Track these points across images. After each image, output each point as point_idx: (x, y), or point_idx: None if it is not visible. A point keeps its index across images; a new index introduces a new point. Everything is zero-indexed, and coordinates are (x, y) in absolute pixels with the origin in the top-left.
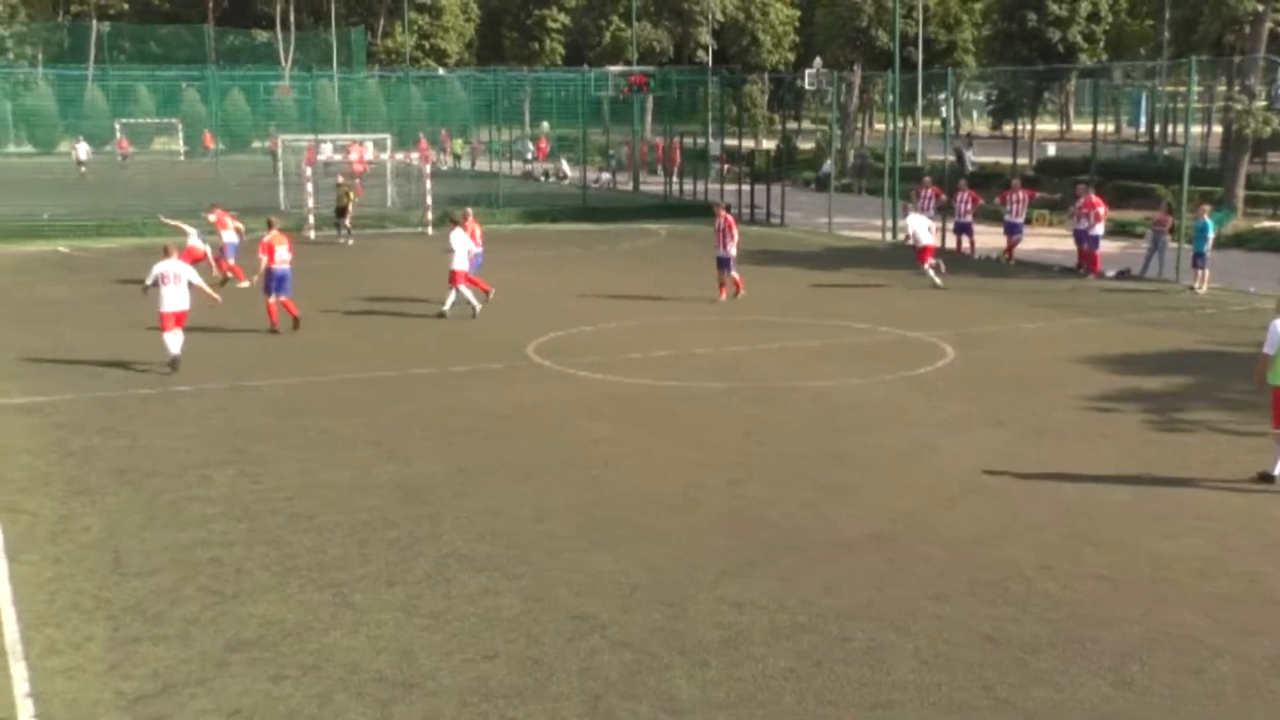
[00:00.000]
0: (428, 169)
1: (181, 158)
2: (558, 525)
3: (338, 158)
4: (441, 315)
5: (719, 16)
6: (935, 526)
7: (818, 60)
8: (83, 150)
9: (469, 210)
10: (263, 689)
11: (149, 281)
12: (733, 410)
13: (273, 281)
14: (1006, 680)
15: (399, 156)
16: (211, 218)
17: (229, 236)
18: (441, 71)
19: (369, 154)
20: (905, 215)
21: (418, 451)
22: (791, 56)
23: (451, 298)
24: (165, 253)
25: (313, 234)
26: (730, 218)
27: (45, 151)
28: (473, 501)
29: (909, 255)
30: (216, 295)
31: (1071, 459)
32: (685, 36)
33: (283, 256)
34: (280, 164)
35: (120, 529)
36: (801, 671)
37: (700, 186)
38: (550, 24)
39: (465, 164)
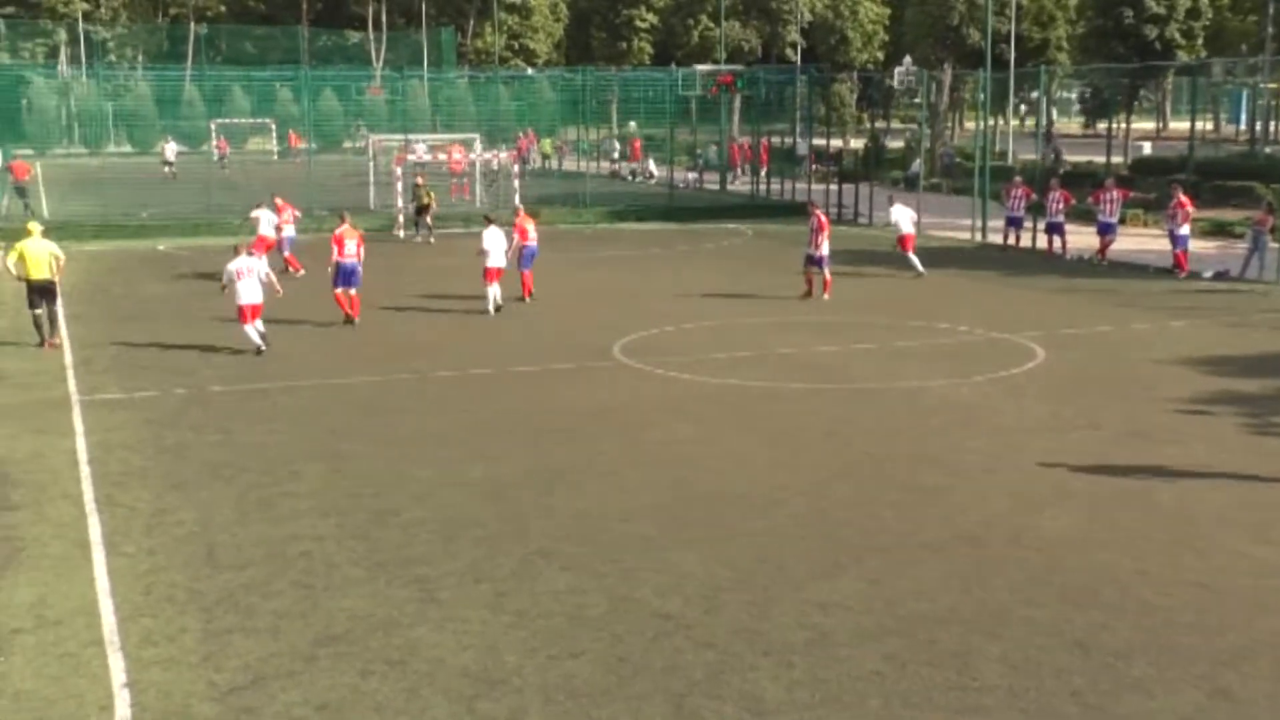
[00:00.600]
0: (516, 168)
1: (275, 157)
2: (643, 525)
3: (427, 158)
4: (497, 309)
5: (807, 15)
6: (1025, 530)
7: (907, 59)
8: (170, 150)
9: (520, 208)
10: (350, 683)
11: (225, 281)
12: (819, 411)
13: (340, 274)
14: (1097, 687)
15: (486, 156)
16: (266, 213)
17: (288, 231)
18: (530, 71)
19: (464, 154)
20: (890, 204)
21: (505, 450)
22: (881, 55)
23: (491, 294)
24: (235, 251)
25: (401, 233)
26: (824, 217)
27: (143, 151)
28: (559, 500)
29: (999, 256)
30: (279, 286)
31: (1166, 462)
32: (773, 35)
33: (350, 250)
34: (371, 163)
35: (213, 523)
36: (887, 674)
37: (788, 186)
38: (638, 23)
39: (555, 163)
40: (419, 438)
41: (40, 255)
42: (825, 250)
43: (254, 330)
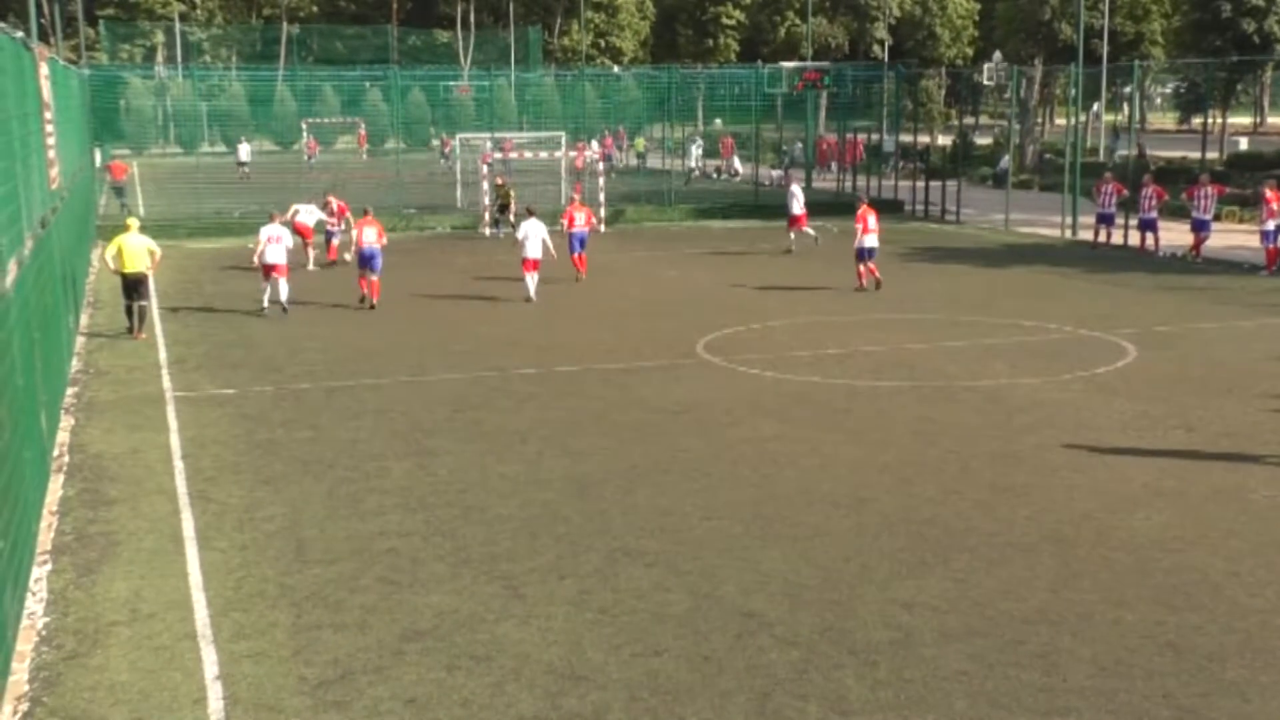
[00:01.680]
0: (601, 166)
1: (364, 157)
2: (726, 523)
3: (513, 155)
4: (528, 300)
5: (895, 11)
6: (1115, 530)
7: (997, 54)
8: (244, 151)
9: (576, 197)
10: (436, 678)
11: (259, 248)
12: (904, 409)
13: (360, 260)
14: (1190, 689)
15: (571, 154)
16: (319, 213)
17: (338, 232)
18: (616, 69)
19: (582, 150)
20: (789, 184)
21: (588, 447)
22: (970, 51)
23: (529, 283)
24: (271, 218)
25: (488, 231)
26: (874, 211)
27: (233, 150)
28: (642, 498)
29: (1090, 253)
30: (309, 259)
31: (1260, 463)
32: (861, 31)
33: (369, 238)
34: (457, 162)
35: (302, 518)
36: (973, 674)
37: (875, 183)
38: (725, 20)
39: (650, 160)
40: (503, 434)
41: (138, 249)
42: (868, 242)
43: (274, 286)
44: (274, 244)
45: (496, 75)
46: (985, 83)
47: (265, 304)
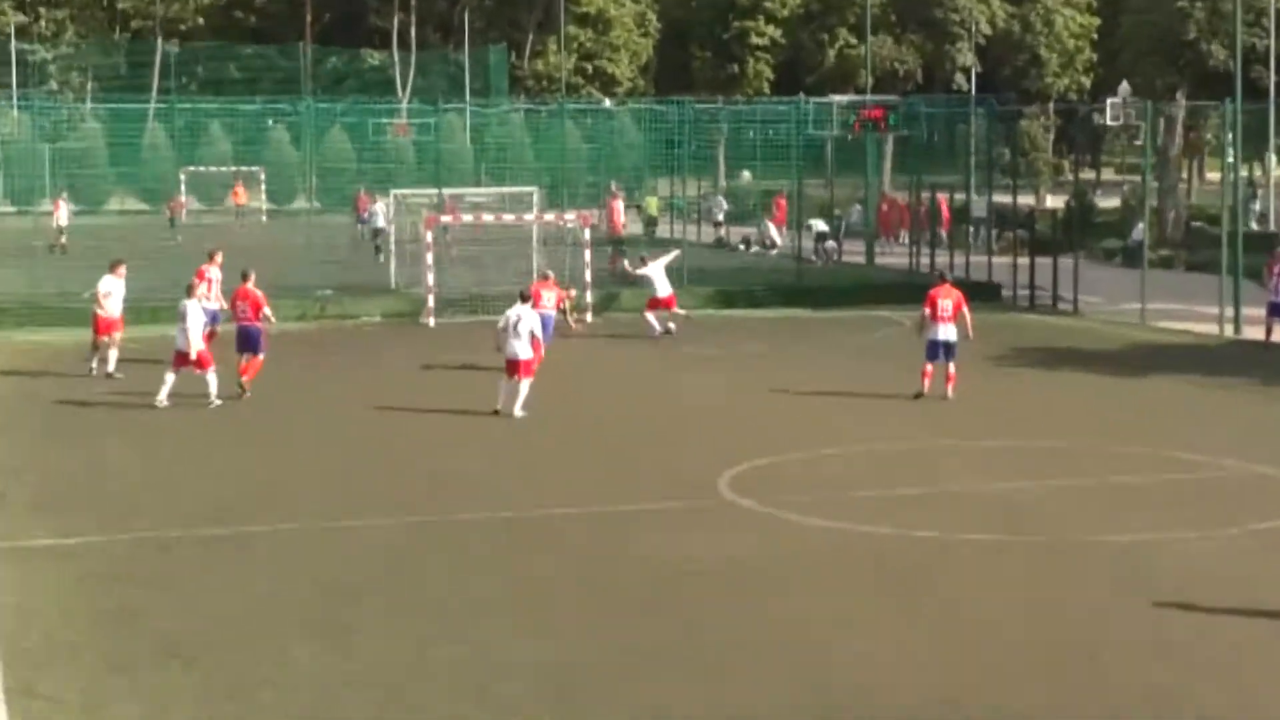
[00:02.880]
0: (587, 234)
1: (264, 218)
2: None
3: (467, 219)
4: (496, 412)
5: (985, 28)
6: None
7: (1124, 85)
8: (64, 213)
9: (550, 274)
10: None
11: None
12: (1006, 575)
13: (237, 338)
14: None
15: (548, 217)
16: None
17: (210, 305)
18: (608, 103)
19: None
20: (643, 266)
21: (569, 623)
22: (1087, 80)
23: (520, 393)
24: (188, 291)
25: (432, 321)
26: (958, 292)
27: (93, 210)
28: (644, 696)
29: (1259, 356)
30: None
31: None
32: (939, 55)
33: (245, 312)
34: (390, 228)
35: None
36: None
37: (960, 261)
38: (755, 40)
39: (665, 228)
40: (451, 605)
41: None
42: (943, 334)
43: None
44: (187, 323)
45: (446, 109)
46: (1109, 123)
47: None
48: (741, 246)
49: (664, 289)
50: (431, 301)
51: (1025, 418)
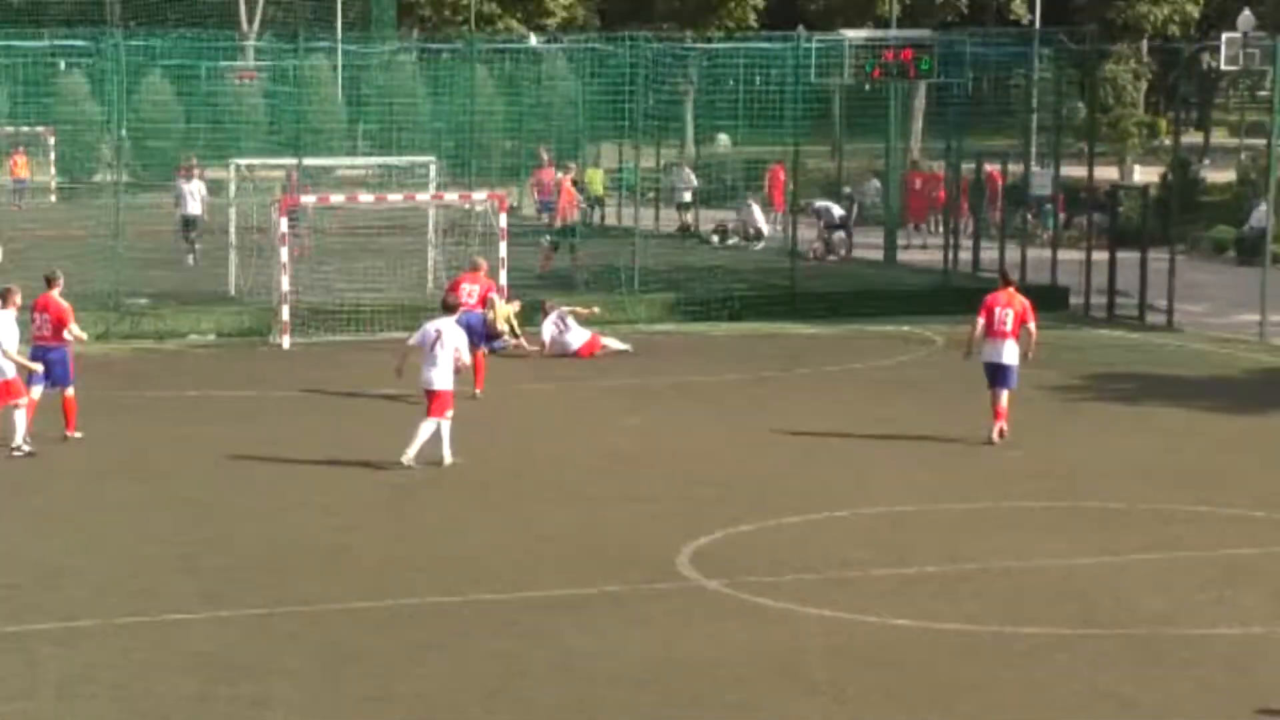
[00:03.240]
0: (504, 221)
1: (53, 197)
2: None
3: (337, 200)
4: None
5: None
6: None
7: (1246, 14)
8: None
9: (482, 263)
10: None
11: None
12: (1074, 679)
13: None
14: None
15: (449, 197)
16: None
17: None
18: (534, 40)
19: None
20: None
21: None
22: (1194, 9)
23: (421, 434)
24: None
25: (286, 340)
26: (1023, 299)
27: None
28: None
29: None
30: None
31: None
32: None
33: (44, 328)
34: (232, 210)
35: None
36: None
37: (1014, 254)
38: None
39: (608, 213)
40: None
41: None
42: (1000, 354)
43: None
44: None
45: (309, 49)
46: (1224, 67)
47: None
48: (715, 238)
49: (579, 339)
50: (286, 314)
51: (1098, 470)
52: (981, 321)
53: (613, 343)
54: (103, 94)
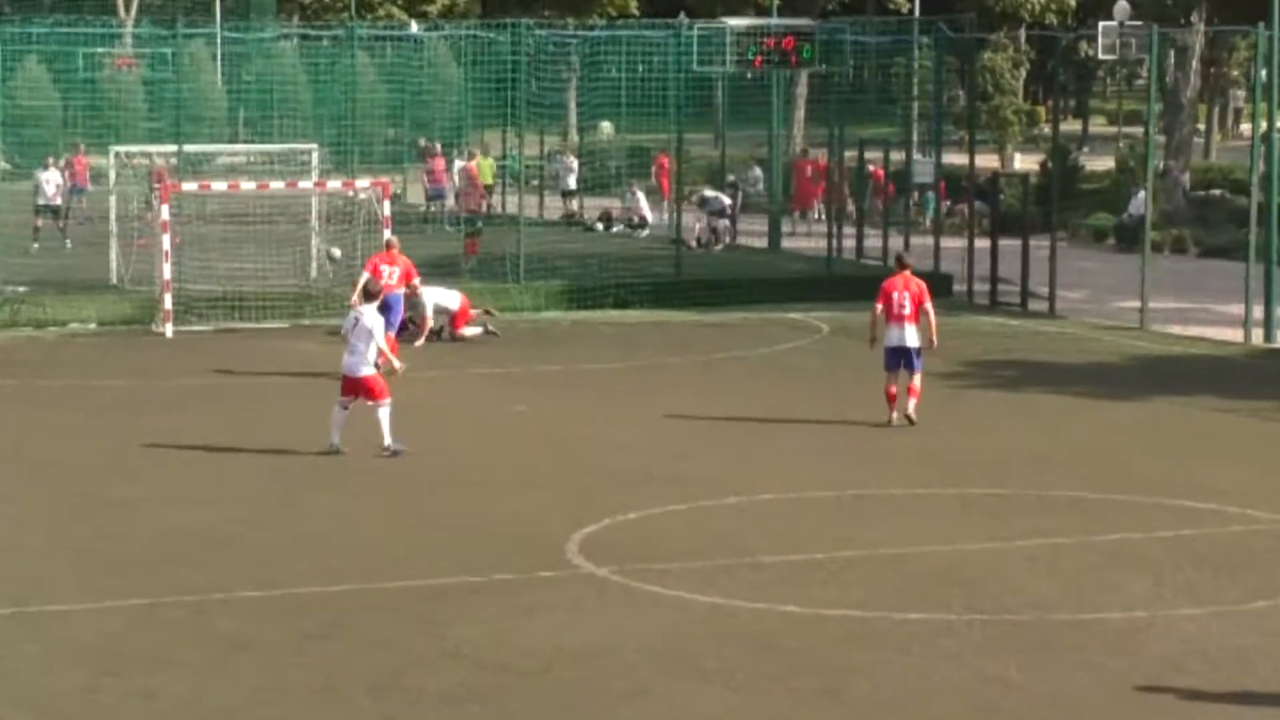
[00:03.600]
0: (387, 208)
1: None
2: None
3: (220, 186)
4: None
5: None
6: None
7: (1122, 4)
8: None
9: (393, 239)
10: None
11: None
12: (955, 666)
13: None
14: None
15: (332, 184)
16: None
17: None
18: (415, 27)
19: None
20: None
21: None
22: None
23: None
24: None
25: (169, 329)
26: (919, 282)
27: None
28: None
29: None
30: None
31: None
32: None
33: None
34: (112, 198)
35: None
36: None
37: (897, 241)
38: None
39: (499, 202)
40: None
41: None
42: (902, 338)
43: None
44: None
45: (188, 34)
46: (1101, 55)
47: None
48: (600, 225)
49: (453, 300)
50: (169, 303)
51: (981, 456)
52: (880, 307)
53: (471, 330)
54: None
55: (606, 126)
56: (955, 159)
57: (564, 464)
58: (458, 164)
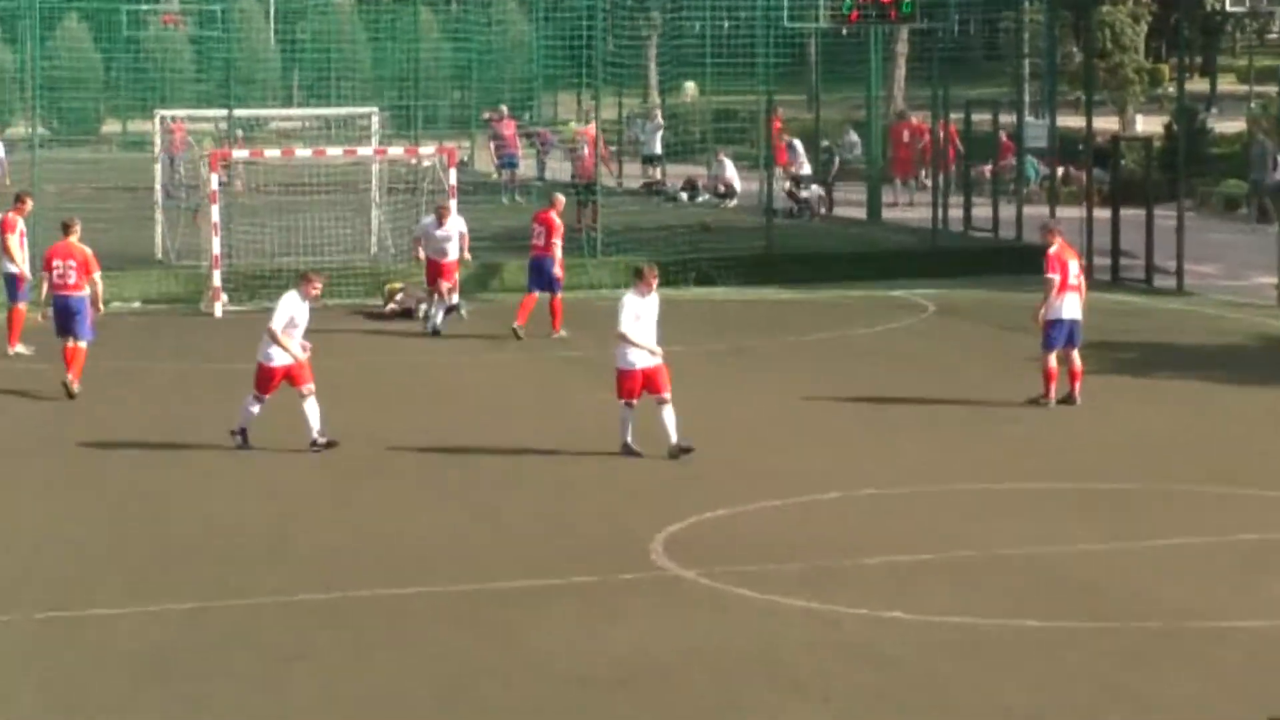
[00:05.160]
0: (453, 177)
1: None
2: None
3: (266, 155)
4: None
5: None
6: None
7: None
8: None
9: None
10: None
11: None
12: (1086, 678)
13: (55, 314)
14: None
15: (394, 151)
16: None
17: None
18: None
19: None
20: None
21: None
22: None
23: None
24: None
25: (219, 308)
26: (1069, 249)
27: None
28: None
29: None
30: None
31: None
32: None
33: (68, 275)
34: (165, 169)
35: None
36: None
37: (1008, 213)
38: None
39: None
40: None
41: None
42: (1067, 311)
43: None
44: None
45: None
46: (1229, 7)
47: None
48: (684, 195)
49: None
50: (218, 279)
51: (1106, 448)
52: (1054, 278)
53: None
54: (15, 41)
55: (690, 87)
56: (1071, 122)
57: (646, 457)
58: (574, 126)
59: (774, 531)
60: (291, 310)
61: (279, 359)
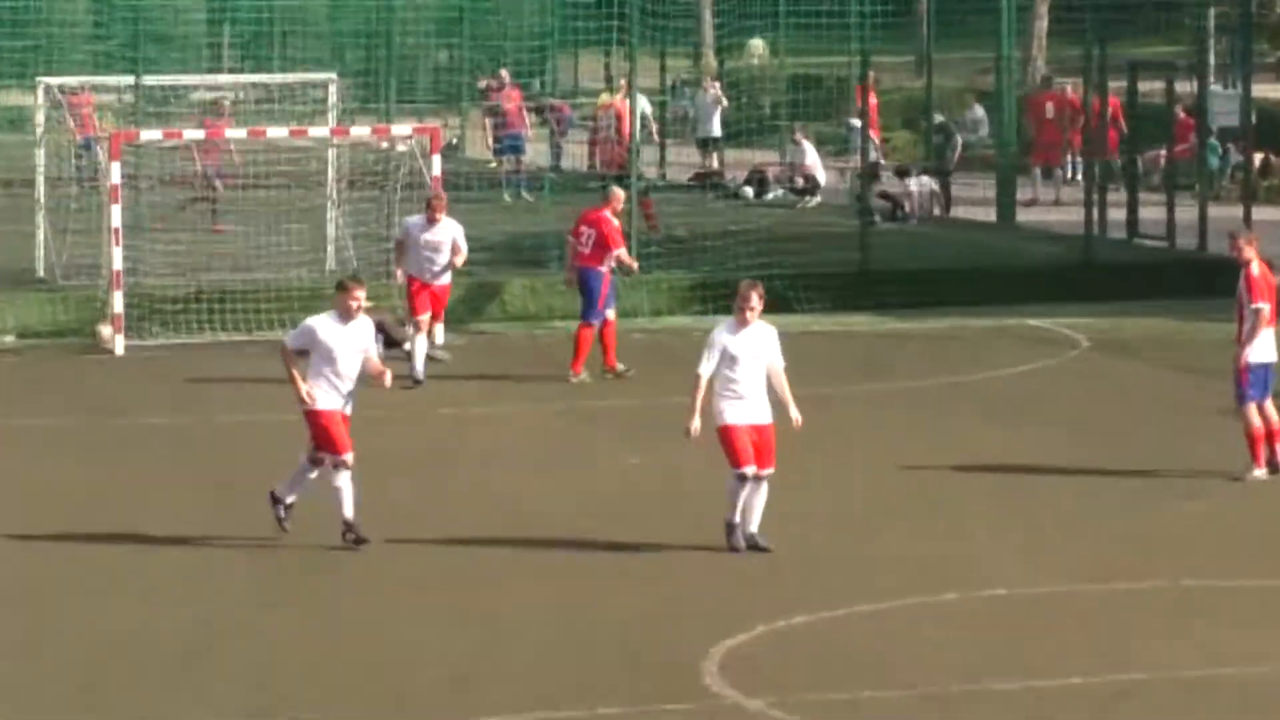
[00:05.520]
0: (436, 165)
1: None
2: None
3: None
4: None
5: None
6: None
7: None
8: None
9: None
10: None
11: None
12: None
13: None
14: None
15: (357, 132)
16: None
17: None
18: None
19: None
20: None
21: None
22: None
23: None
24: None
25: (120, 343)
26: (1262, 262)
27: None
28: None
29: None
30: None
31: None
32: None
33: None
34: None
35: None
36: None
37: (1187, 215)
38: None
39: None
40: None
41: None
42: (1258, 354)
43: None
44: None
45: None
46: None
47: None
48: (748, 190)
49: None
50: (119, 304)
51: None
52: (1265, 308)
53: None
54: None
55: (758, 45)
56: (1271, 92)
57: (698, 542)
58: (604, 98)
59: (869, 646)
60: (321, 334)
61: (325, 400)
